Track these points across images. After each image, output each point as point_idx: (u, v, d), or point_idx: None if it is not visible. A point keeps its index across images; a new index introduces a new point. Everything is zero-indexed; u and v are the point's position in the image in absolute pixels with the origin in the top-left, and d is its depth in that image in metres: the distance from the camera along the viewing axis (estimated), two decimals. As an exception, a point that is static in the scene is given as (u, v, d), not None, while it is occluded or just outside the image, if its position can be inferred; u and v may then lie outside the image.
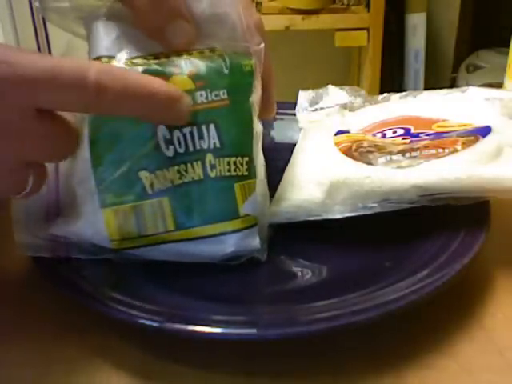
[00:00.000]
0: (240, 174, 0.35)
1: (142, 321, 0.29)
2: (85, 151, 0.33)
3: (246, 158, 0.35)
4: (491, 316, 0.33)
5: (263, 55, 0.36)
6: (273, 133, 0.50)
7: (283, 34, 1.39)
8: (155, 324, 0.29)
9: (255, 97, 0.36)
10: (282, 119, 0.50)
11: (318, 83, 0.51)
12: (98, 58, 0.34)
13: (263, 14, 1.34)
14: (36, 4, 0.35)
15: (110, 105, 0.29)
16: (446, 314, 0.33)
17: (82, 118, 0.33)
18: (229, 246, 0.35)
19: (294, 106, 0.48)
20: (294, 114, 0.48)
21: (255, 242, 0.35)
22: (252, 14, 0.37)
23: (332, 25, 1.36)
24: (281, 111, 0.50)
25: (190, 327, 0.29)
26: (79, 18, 0.35)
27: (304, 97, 0.49)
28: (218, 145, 0.34)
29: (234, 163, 0.34)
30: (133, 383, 0.30)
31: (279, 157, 0.43)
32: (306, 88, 0.49)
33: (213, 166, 0.34)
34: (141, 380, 0.30)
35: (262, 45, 0.36)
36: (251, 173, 0.35)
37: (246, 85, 0.35)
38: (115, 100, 0.29)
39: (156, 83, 0.31)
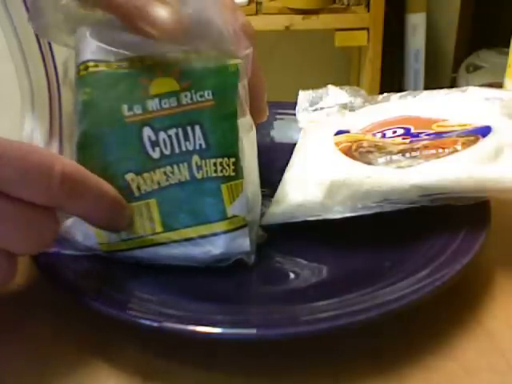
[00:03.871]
0: (227, 174, 0.34)
1: (142, 321, 0.29)
2: (72, 156, 0.34)
3: (233, 159, 0.35)
4: (492, 316, 0.33)
5: (251, 59, 0.36)
6: (273, 133, 0.50)
7: (283, 34, 1.39)
8: (155, 324, 0.29)
9: (241, 97, 0.35)
10: (282, 119, 0.50)
11: (318, 83, 0.51)
12: (85, 63, 0.34)
13: (263, 13, 1.34)
14: (30, 23, 0.35)
15: (68, 194, 0.29)
16: (446, 314, 0.33)
17: (72, 122, 0.34)
18: (218, 247, 0.34)
19: (294, 105, 0.48)
20: (294, 114, 0.48)
21: (245, 243, 0.35)
22: (238, 18, 0.36)
23: (332, 25, 1.36)
24: (281, 111, 0.50)
25: (190, 327, 0.29)
26: (72, 30, 0.35)
27: (304, 97, 0.49)
28: (203, 146, 0.34)
29: (221, 164, 0.34)
30: (133, 383, 0.30)
31: (279, 157, 0.43)
32: (305, 88, 0.49)
33: (199, 167, 0.34)
34: (141, 380, 0.30)
35: (250, 49, 0.36)
36: (238, 173, 0.35)
37: (231, 85, 0.35)
38: (75, 189, 0.29)
39: (106, 185, 0.32)
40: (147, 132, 0.34)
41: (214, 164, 0.34)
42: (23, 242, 0.29)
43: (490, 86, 0.46)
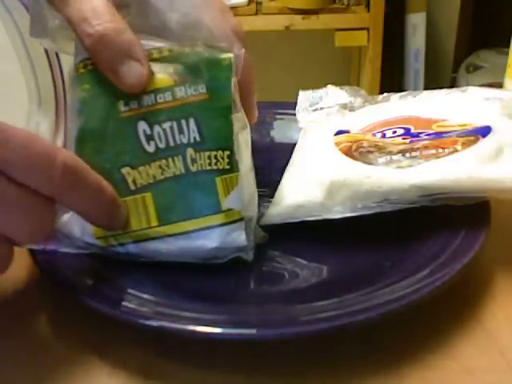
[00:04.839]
0: (221, 167, 0.35)
1: (142, 321, 0.29)
2: (71, 150, 0.34)
3: (227, 152, 0.35)
4: (492, 316, 0.33)
5: (243, 61, 0.36)
6: (273, 133, 0.50)
7: (283, 33, 1.39)
8: (155, 324, 0.29)
9: (234, 91, 0.36)
10: (282, 119, 0.50)
11: (318, 83, 0.51)
12: (84, 61, 0.34)
13: (263, 14, 1.34)
14: (31, 36, 0.35)
15: (69, 185, 0.29)
16: (446, 313, 0.33)
17: (71, 118, 0.34)
18: (213, 241, 0.34)
19: (294, 105, 0.48)
20: (294, 114, 0.48)
21: (241, 237, 0.35)
22: (228, 20, 0.37)
23: (332, 25, 1.36)
24: (281, 111, 0.50)
25: (190, 327, 0.29)
26: (71, 37, 0.35)
27: (304, 97, 0.49)
28: (198, 139, 0.34)
29: (215, 157, 0.34)
30: (132, 383, 0.30)
31: (279, 157, 0.43)
32: (305, 88, 0.49)
33: (193, 160, 0.34)
34: (140, 380, 0.30)
35: (242, 51, 0.36)
36: (233, 166, 0.35)
37: (224, 78, 0.35)
38: (75, 181, 0.30)
39: (104, 181, 0.32)
40: (142, 126, 0.34)
41: (209, 157, 0.34)
42: (23, 227, 0.29)
43: (490, 85, 0.46)
